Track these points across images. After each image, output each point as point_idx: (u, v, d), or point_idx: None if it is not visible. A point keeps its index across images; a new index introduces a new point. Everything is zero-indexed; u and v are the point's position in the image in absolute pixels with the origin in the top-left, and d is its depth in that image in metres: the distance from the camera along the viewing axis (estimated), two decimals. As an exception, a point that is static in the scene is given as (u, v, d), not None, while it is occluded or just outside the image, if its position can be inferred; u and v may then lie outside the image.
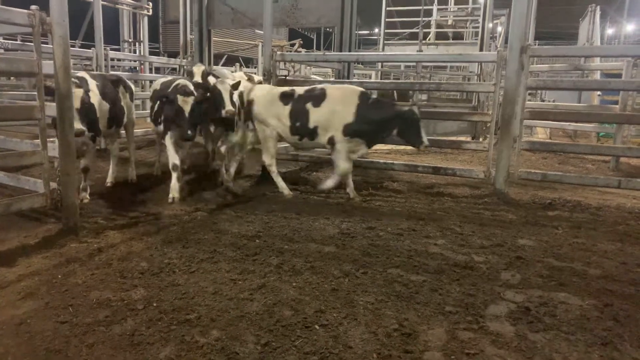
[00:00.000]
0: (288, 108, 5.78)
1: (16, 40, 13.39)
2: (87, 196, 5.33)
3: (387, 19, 17.00)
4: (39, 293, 3.21)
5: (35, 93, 4.20)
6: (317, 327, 2.83)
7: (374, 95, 5.94)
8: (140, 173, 6.75)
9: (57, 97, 4.26)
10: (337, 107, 5.57)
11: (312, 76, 12.55)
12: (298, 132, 5.79)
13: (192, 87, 5.54)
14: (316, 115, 5.64)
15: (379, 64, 15.98)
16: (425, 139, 5.43)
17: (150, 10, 14.39)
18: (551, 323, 2.92)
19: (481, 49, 12.82)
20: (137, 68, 15.61)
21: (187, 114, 5.23)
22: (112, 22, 15.20)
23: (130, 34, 15.97)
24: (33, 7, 3.99)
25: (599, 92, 12.25)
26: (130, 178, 6.41)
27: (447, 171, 6.54)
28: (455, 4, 18.60)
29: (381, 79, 15.94)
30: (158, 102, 5.96)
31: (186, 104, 5.25)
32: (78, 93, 4.72)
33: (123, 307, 3.03)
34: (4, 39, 10.50)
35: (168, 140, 5.61)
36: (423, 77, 14.01)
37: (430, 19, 17.68)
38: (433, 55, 13.84)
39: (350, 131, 5.52)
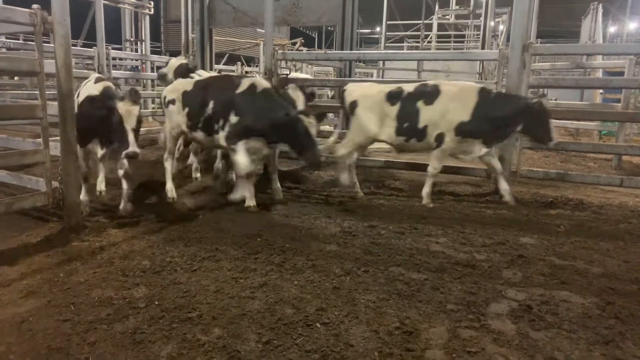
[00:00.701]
0: (396, 108, 5.43)
1: (18, 39, 13.40)
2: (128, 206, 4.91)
3: (388, 21, 16.96)
4: (41, 291, 3.22)
5: (37, 92, 4.21)
6: (318, 325, 2.83)
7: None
8: (142, 172, 6.75)
9: (58, 97, 4.27)
10: (452, 104, 5.21)
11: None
12: (405, 133, 5.43)
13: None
14: (428, 114, 5.28)
15: (381, 62, 15.96)
16: (554, 135, 5.08)
17: (152, 10, 14.39)
18: (553, 321, 2.91)
19: (483, 47, 12.80)
20: (139, 67, 15.63)
21: (314, 136, 4.73)
22: (113, 21, 15.21)
23: (132, 33, 15.98)
24: (35, 6, 3.99)
25: (601, 90, 12.22)
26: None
27: (448, 169, 6.51)
28: (456, 4, 18.58)
29: (383, 77, 15.92)
30: (213, 104, 5.12)
31: (311, 126, 4.71)
32: (134, 111, 4.24)
33: (125, 305, 3.03)
34: (6, 38, 10.52)
35: (241, 147, 4.95)
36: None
37: (432, 17, 17.66)
38: (435, 53, 13.82)
39: (463, 131, 5.18)
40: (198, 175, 6.53)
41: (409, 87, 5.52)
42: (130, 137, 4.19)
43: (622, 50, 9.34)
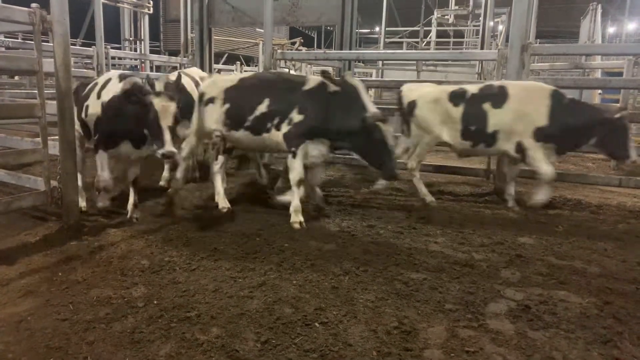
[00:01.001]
0: (460, 110, 5.12)
1: (17, 38, 13.38)
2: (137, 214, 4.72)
3: (387, 19, 16.95)
4: (39, 290, 3.22)
5: (36, 91, 4.21)
6: (317, 324, 2.83)
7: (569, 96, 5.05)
8: (143, 172, 6.73)
9: (57, 95, 4.26)
10: (525, 108, 4.87)
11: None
12: (472, 137, 5.13)
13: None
14: (497, 118, 4.94)
15: (380, 62, 15.94)
16: (633, 153, 4.70)
17: (151, 9, 14.36)
18: (551, 321, 2.92)
19: (482, 48, 12.81)
20: (138, 66, 15.61)
21: (392, 146, 4.42)
22: (113, 20, 15.21)
23: (131, 33, 15.97)
24: (34, 5, 3.99)
25: (599, 91, 12.22)
26: None
27: (447, 169, 6.53)
28: (455, 4, 18.59)
29: (382, 77, 15.92)
30: (270, 102, 4.74)
31: (388, 132, 4.38)
32: (171, 107, 3.98)
33: (123, 305, 3.03)
34: (5, 37, 10.51)
35: (301, 153, 4.59)
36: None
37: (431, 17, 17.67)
38: (433, 53, 13.84)
39: (543, 136, 4.82)
40: (197, 174, 6.53)
41: (472, 88, 5.26)
42: (167, 135, 3.92)
43: (620, 50, 9.36)
